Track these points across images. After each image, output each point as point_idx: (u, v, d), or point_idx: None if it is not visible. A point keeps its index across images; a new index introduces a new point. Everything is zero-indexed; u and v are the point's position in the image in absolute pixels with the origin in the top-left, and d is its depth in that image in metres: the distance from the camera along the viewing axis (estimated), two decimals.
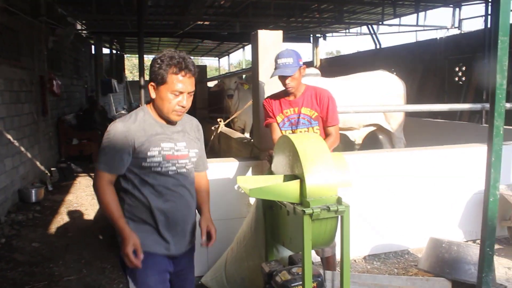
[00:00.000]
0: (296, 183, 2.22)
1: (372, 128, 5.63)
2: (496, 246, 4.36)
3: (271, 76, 3.06)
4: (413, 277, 3.46)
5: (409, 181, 4.12)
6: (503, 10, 2.02)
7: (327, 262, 3.26)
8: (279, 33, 3.60)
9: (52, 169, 7.79)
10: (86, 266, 4.12)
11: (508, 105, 4.37)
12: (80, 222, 5.46)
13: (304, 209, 2.13)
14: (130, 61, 34.04)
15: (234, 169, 3.77)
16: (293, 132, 3.20)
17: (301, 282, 2.36)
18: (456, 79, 10.24)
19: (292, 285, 2.40)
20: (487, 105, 3.96)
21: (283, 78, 3.05)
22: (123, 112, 22.45)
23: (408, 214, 4.15)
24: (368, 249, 4.10)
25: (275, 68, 3.06)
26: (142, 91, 5.59)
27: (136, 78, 39.74)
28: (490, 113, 2.08)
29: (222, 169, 3.70)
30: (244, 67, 22.96)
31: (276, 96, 3.28)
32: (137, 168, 2.03)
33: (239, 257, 3.03)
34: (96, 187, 2.01)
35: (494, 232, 2.38)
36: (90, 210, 5.92)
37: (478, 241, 3.90)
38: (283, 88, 3.17)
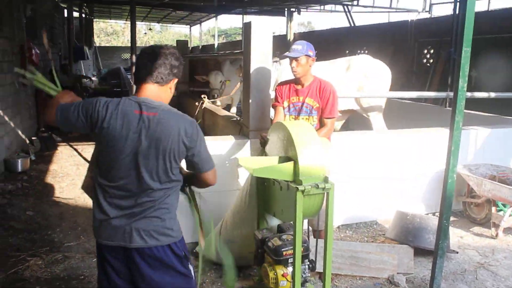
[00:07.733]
0: (290, 164, 2.62)
1: (347, 115, 5.94)
2: (452, 218, 4.91)
3: (282, 57, 3.49)
4: (381, 244, 3.98)
5: (378, 160, 4.59)
6: (467, 23, 2.42)
7: (319, 235, 3.68)
8: (268, 25, 3.91)
9: (33, 138, 7.90)
10: (83, 233, 4.41)
11: (468, 94, 4.88)
12: (69, 191, 5.70)
13: (297, 186, 2.54)
14: (97, 25, 33.20)
15: (227, 146, 4.10)
16: (296, 118, 3.59)
17: (290, 247, 2.79)
18: (424, 61, 10.80)
19: (283, 249, 2.82)
20: (451, 94, 4.42)
21: (290, 61, 3.44)
22: (94, 79, 22.14)
23: (376, 190, 4.61)
24: (341, 220, 4.57)
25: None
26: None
27: (104, 43, 38.78)
28: (452, 110, 2.51)
29: (216, 146, 4.03)
30: (216, 35, 23.15)
31: (287, 82, 3.67)
32: None
33: (233, 227, 3.42)
34: None
35: (450, 207, 2.86)
36: (77, 180, 6.14)
37: (437, 214, 4.44)
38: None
